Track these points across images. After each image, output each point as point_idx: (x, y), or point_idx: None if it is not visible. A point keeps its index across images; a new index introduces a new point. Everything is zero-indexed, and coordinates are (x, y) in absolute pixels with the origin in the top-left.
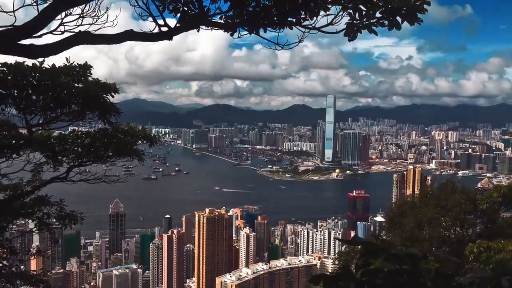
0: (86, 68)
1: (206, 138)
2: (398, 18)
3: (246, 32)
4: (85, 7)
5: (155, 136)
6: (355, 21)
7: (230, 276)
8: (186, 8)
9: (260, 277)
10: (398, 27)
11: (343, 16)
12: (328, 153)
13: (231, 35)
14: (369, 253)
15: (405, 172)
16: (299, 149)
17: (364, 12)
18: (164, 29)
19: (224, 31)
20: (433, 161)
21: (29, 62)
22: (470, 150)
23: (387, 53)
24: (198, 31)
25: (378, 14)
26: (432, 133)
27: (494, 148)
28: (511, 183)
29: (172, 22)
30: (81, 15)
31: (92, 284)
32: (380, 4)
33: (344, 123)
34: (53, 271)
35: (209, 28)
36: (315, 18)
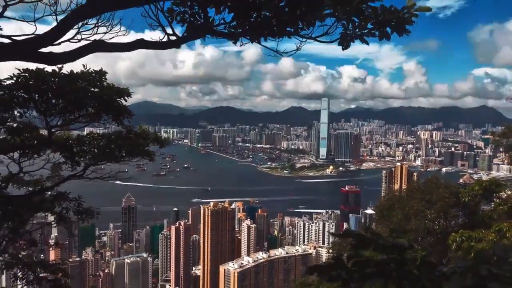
0: (101, 74)
1: (210, 137)
2: (388, 29)
3: (248, 41)
4: (100, 17)
5: (165, 139)
6: (348, 32)
7: (233, 264)
8: (192, 19)
9: (260, 265)
10: (388, 37)
11: (337, 26)
12: (323, 151)
13: (234, 43)
14: (359, 244)
15: (393, 169)
16: (296, 147)
17: (356, 24)
18: (173, 38)
19: (228, 40)
20: (419, 159)
21: (49, 68)
22: (453, 149)
23: (378, 58)
24: (204, 39)
25: (369, 25)
26: (418, 133)
27: (475, 146)
28: (492, 178)
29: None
30: (96, 25)
31: (106, 271)
32: (372, 16)
33: (337, 123)
34: (70, 260)
35: (214, 37)
36: (311, 28)
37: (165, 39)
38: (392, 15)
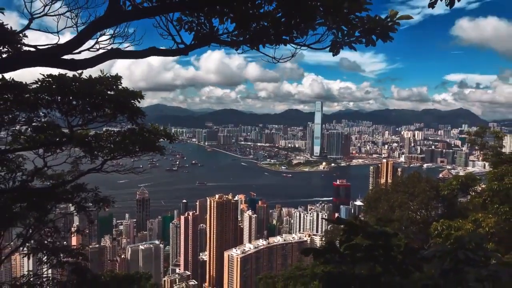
0: (117, 78)
1: (216, 136)
2: (374, 37)
3: (248, 48)
4: (116, 28)
5: (174, 134)
6: (338, 39)
7: (236, 250)
8: (199, 28)
9: (260, 251)
10: (373, 44)
11: (328, 35)
12: (317, 149)
13: (236, 50)
14: (350, 231)
15: (379, 165)
16: (292, 146)
17: (345, 32)
18: (181, 46)
19: (230, 47)
20: (403, 156)
21: (70, 73)
22: (433, 147)
23: (368, 63)
24: (209, 47)
25: (357, 33)
26: (402, 132)
27: (453, 145)
28: (468, 173)
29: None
30: (113, 35)
31: (122, 256)
32: (359, 25)
33: (330, 124)
34: (90, 246)
35: (218, 45)
36: (305, 36)
37: (174, 47)
38: (377, 24)
